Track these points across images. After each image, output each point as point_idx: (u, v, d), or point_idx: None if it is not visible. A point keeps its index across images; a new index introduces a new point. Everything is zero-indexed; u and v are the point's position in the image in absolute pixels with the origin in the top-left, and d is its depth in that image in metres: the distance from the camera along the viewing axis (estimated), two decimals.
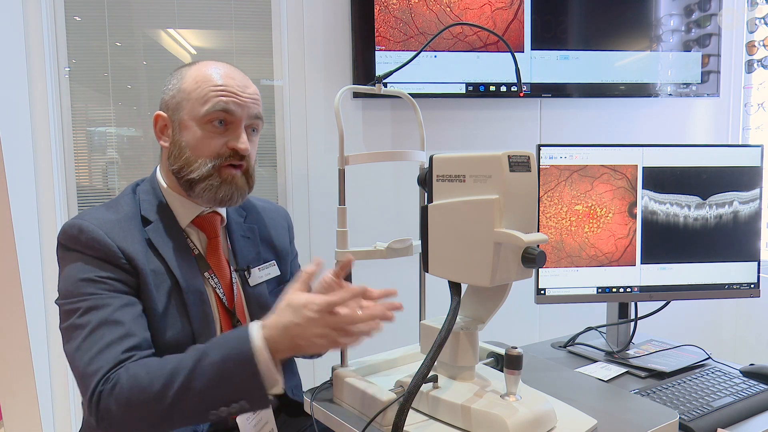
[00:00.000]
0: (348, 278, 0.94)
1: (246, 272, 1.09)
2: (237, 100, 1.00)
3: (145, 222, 1.01)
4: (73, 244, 0.95)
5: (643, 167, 1.29)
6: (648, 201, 1.30)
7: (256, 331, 0.82)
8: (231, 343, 0.82)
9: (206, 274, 1.04)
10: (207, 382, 0.80)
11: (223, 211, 1.11)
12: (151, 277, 0.97)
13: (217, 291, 1.04)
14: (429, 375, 0.80)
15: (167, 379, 0.81)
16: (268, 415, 1.04)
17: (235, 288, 1.07)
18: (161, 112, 1.04)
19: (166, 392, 0.81)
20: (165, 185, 1.06)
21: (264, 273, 1.12)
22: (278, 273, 1.16)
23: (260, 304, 1.08)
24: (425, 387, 0.85)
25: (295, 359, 1.19)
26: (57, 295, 0.98)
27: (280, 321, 0.82)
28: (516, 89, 1.84)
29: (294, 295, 0.83)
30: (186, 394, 0.81)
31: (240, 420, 1.00)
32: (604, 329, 1.40)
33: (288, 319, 0.81)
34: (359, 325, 0.81)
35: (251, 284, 1.09)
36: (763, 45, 2.08)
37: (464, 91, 1.83)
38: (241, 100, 1.01)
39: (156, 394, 0.81)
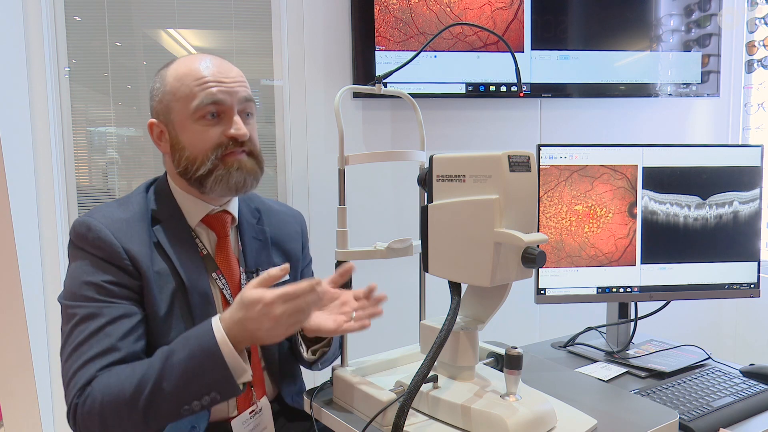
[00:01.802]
0: (348, 283, 0.94)
1: (255, 274, 1.08)
2: (223, 87, 0.99)
3: (155, 221, 1.01)
4: (81, 242, 0.96)
5: (643, 167, 1.29)
6: (648, 201, 1.30)
7: (216, 324, 0.85)
8: (195, 339, 0.85)
9: (214, 274, 1.03)
10: (176, 381, 0.83)
11: (234, 210, 1.10)
12: (154, 279, 0.97)
13: (224, 292, 1.04)
14: (429, 375, 0.80)
15: (138, 385, 0.83)
16: (266, 419, 1.04)
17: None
18: (153, 120, 1.04)
19: (138, 397, 0.83)
20: (175, 185, 1.06)
21: None
22: (287, 278, 1.14)
23: None
24: (425, 387, 0.85)
25: (301, 367, 1.18)
26: (59, 293, 0.98)
27: (236, 315, 0.85)
28: (516, 89, 1.84)
29: (247, 292, 0.85)
30: (158, 396, 0.83)
31: (235, 424, 1.00)
32: (604, 329, 1.40)
33: (243, 314, 0.84)
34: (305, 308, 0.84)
35: None
36: (763, 45, 2.08)
37: (464, 91, 1.83)
38: (227, 86, 1.00)
39: (128, 400, 0.83)
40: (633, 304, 1.35)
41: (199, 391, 0.84)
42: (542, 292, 1.29)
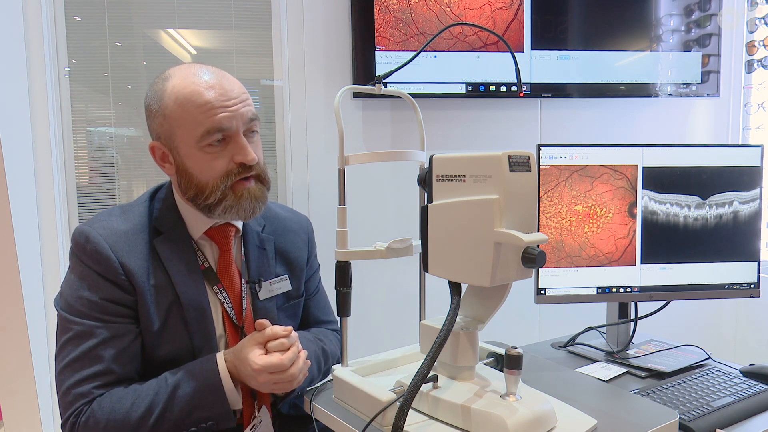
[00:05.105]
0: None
1: (257, 285, 1.07)
2: (228, 112, 0.95)
3: (157, 233, 1.01)
4: (80, 253, 0.97)
5: (643, 167, 1.29)
6: (648, 201, 1.30)
7: (221, 364, 0.95)
8: (201, 375, 0.94)
9: (215, 288, 1.03)
10: (180, 412, 0.92)
11: (238, 222, 1.09)
12: (150, 294, 0.97)
13: (226, 306, 1.03)
14: (429, 375, 0.80)
15: (145, 412, 0.90)
16: (266, 427, 1.04)
17: (244, 302, 1.06)
18: (156, 142, 1.00)
19: (144, 423, 0.90)
20: (179, 198, 1.04)
21: (275, 287, 1.10)
22: (289, 288, 1.13)
23: (267, 319, 1.04)
24: (425, 387, 0.86)
25: None
26: (56, 296, 0.99)
27: (235, 360, 0.95)
28: (516, 89, 1.84)
29: (245, 349, 0.94)
30: (162, 423, 0.91)
31: None
32: (604, 329, 1.40)
33: (238, 363, 0.94)
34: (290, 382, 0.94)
35: (260, 298, 1.08)
36: (763, 45, 2.07)
37: (464, 91, 1.83)
38: (232, 110, 0.96)
39: (134, 425, 0.90)
40: (633, 304, 1.35)
41: (199, 420, 0.93)
42: (542, 292, 1.29)
